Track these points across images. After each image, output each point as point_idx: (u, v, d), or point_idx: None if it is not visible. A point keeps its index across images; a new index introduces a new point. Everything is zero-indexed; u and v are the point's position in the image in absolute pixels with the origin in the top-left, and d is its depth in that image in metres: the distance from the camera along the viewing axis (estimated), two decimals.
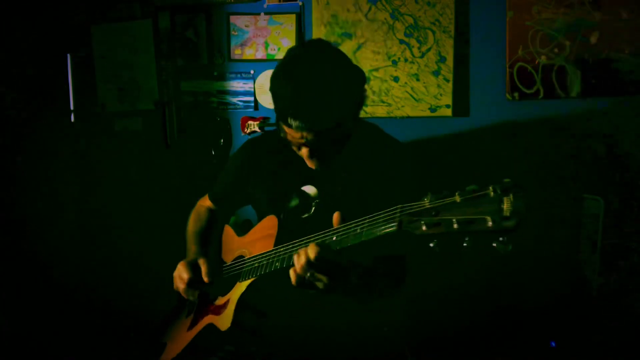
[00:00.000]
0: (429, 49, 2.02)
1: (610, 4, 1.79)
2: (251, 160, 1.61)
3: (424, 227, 0.97)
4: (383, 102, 2.08)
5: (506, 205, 0.88)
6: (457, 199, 0.95)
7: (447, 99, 2.01)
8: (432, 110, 2.03)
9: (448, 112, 2.01)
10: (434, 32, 2.01)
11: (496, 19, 1.94)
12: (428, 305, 1.99)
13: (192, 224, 1.75)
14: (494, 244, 0.89)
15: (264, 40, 2.21)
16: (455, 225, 0.92)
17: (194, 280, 1.48)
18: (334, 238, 1.16)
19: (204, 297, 1.53)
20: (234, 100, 2.28)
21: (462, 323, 1.99)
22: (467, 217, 0.91)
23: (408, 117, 2.06)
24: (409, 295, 1.45)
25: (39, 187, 2.36)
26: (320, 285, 1.17)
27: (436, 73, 2.01)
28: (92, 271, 2.49)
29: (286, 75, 1.29)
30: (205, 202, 1.80)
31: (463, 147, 2.03)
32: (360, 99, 1.39)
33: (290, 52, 1.37)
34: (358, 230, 1.12)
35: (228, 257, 1.60)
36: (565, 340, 1.90)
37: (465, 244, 0.92)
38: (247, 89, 2.26)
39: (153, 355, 1.60)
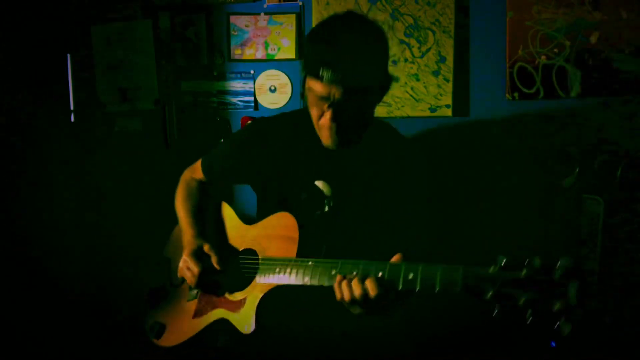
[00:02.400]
0: (429, 49, 2.02)
1: (610, 4, 1.79)
2: (259, 142, 1.56)
3: (488, 296, 1.01)
4: (383, 102, 2.06)
5: (571, 293, 0.94)
6: (523, 274, 0.99)
7: (447, 99, 2.01)
8: (432, 110, 2.03)
9: (448, 112, 2.01)
10: (434, 32, 2.01)
11: (496, 19, 1.94)
12: (428, 304, 1.99)
13: (185, 201, 1.67)
14: (555, 326, 0.96)
15: (264, 40, 2.21)
16: (521, 302, 0.98)
17: (205, 270, 1.45)
18: (380, 275, 1.16)
19: (209, 284, 1.49)
20: (234, 100, 2.28)
21: (462, 322, 1.99)
22: (534, 296, 0.97)
23: (408, 117, 2.06)
24: None
25: (39, 187, 2.36)
26: (360, 310, 1.21)
27: (436, 73, 2.01)
28: (91, 271, 2.49)
29: (322, 31, 1.33)
30: (196, 174, 1.72)
31: (463, 147, 2.03)
32: (387, 75, 1.40)
33: (328, 17, 1.41)
34: (410, 277, 1.12)
35: (234, 245, 1.56)
36: (565, 340, 1.89)
37: (528, 321, 0.98)
38: (247, 89, 2.26)
39: (148, 333, 1.58)
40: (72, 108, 2.49)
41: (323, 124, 1.35)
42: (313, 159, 1.48)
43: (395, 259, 1.18)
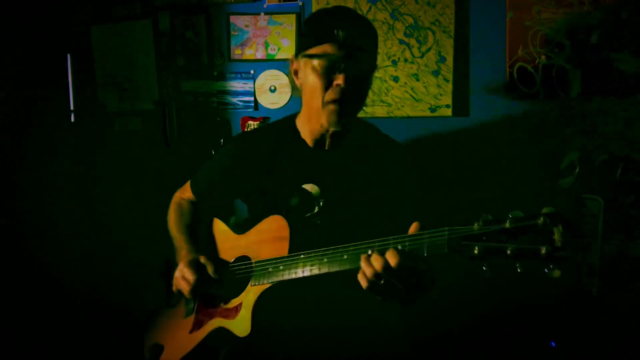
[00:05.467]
0: (429, 49, 2.02)
1: (610, 4, 1.79)
2: (245, 156, 1.57)
3: (476, 251, 1.02)
4: (383, 102, 2.08)
5: (557, 236, 0.95)
6: (507, 225, 1.00)
7: (447, 99, 2.01)
8: (432, 110, 2.03)
9: (448, 112, 2.01)
10: (434, 32, 2.00)
11: (496, 19, 1.94)
12: (430, 304, 1.99)
13: (177, 220, 1.69)
14: (546, 270, 0.97)
15: (264, 40, 2.21)
16: (508, 252, 0.99)
17: (201, 280, 1.45)
18: (370, 251, 1.15)
19: (206, 297, 1.51)
20: (234, 100, 2.28)
21: (463, 322, 1.99)
22: (521, 246, 0.98)
23: (408, 117, 2.06)
24: None
25: (39, 187, 2.36)
26: (391, 290, 1.16)
27: (436, 73, 2.01)
28: (91, 271, 2.49)
29: (321, 13, 1.47)
30: (185, 194, 1.74)
31: (463, 147, 2.03)
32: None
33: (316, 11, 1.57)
34: (399, 247, 1.13)
35: (226, 256, 1.57)
36: (565, 340, 1.90)
37: (519, 270, 0.99)
38: (247, 89, 2.26)
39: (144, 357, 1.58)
40: (72, 108, 2.49)
41: (331, 94, 1.38)
42: (300, 164, 1.49)
43: (413, 228, 1.16)
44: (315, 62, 1.38)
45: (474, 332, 1.99)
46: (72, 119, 2.50)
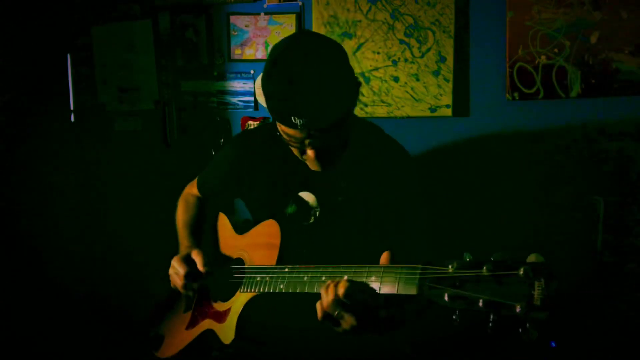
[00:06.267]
0: (429, 49, 2.02)
1: (610, 4, 1.79)
2: (243, 157, 1.55)
3: (446, 298, 0.92)
4: (383, 102, 2.08)
5: (537, 292, 0.84)
6: (484, 272, 0.89)
7: (447, 99, 2.01)
8: (432, 110, 2.03)
9: (448, 112, 2.01)
10: (434, 32, 2.00)
11: (496, 19, 1.94)
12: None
13: (182, 214, 1.69)
14: (520, 330, 0.85)
15: (264, 40, 2.21)
16: (480, 304, 0.88)
17: (191, 273, 1.44)
18: (345, 277, 1.10)
19: (203, 292, 1.51)
20: (234, 100, 2.28)
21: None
22: (495, 299, 0.86)
23: (408, 117, 2.06)
24: None
25: (39, 187, 2.36)
26: (345, 325, 1.10)
27: (436, 73, 2.01)
28: (91, 271, 2.49)
29: (281, 73, 1.19)
30: (193, 190, 1.74)
31: (463, 147, 2.03)
32: (357, 82, 1.30)
33: (279, 48, 1.26)
34: (373, 279, 1.07)
35: (227, 254, 1.57)
36: (565, 340, 1.90)
37: (490, 324, 0.88)
38: (247, 89, 2.26)
39: (149, 345, 1.59)
40: (72, 108, 2.49)
41: (308, 157, 1.31)
42: (296, 167, 1.43)
43: (383, 257, 1.12)
44: (282, 133, 1.27)
45: (474, 331, 1.99)
46: (72, 119, 2.50)
